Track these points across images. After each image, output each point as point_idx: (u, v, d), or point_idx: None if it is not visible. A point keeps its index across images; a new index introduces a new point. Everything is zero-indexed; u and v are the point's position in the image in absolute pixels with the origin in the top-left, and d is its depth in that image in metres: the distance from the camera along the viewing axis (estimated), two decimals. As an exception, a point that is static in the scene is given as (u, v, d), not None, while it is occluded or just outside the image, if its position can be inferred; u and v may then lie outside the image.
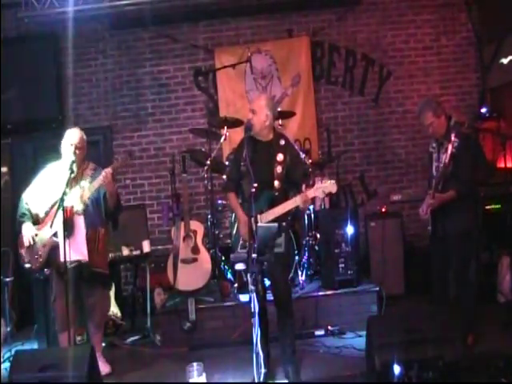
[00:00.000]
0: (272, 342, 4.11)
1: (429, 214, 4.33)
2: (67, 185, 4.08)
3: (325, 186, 3.69)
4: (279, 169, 3.94)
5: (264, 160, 3.97)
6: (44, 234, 4.22)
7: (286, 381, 4.01)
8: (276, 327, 4.06)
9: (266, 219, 3.85)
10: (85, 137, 4.42)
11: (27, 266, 4.28)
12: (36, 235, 4.24)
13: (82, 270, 4.21)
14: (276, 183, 3.92)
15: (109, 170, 4.18)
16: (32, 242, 4.23)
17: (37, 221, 4.30)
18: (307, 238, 5.59)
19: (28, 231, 4.24)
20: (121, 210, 4.56)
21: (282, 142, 4.03)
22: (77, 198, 4.20)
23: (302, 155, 5.23)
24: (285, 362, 4.07)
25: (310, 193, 3.74)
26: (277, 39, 6.77)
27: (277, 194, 3.91)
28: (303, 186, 3.87)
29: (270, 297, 4.14)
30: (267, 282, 4.10)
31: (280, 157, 3.95)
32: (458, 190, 4.18)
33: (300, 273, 5.39)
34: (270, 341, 4.07)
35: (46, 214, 4.25)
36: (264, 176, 3.90)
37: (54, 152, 4.50)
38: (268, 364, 4.06)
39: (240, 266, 3.98)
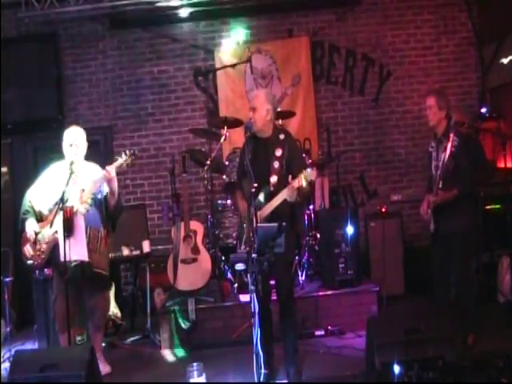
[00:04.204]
0: (276, 342, 4.10)
1: (430, 213, 4.34)
2: (67, 185, 4.08)
3: (306, 175, 3.67)
4: (276, 164, 3.91)
5: (263, 157, 3.97)
6: (47, 230, 4.22)
7: (287, 381, 4.01)
8: (279, 327, 4.06)
9: (263, 215, 3.86)
10: (84, 133, 4.41)
11: (29, 262, 4.27)
12: (39, 232, 4.23)
13: (82, 270, 4.20)
14: (272, 178, 3.89)
15: (111, 166, 4.17)
16: (34, 236, 4.22)
17: (40, 218, 4.30)
18: (307, 238, 5.59)
19: (31, 226, 4.24)
20: (122, 210, 4.55)
21: (282, 137, 4.02)
22: (77, 199, 4.20)
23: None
24: (286, 361, 4.06)
25: (295, 183, 3.71)
26: (277, 39, 6.78)
27: (273, 189, 3.88)
28: (289, 178, 3.84)
29: (273, 296, 4.14)
30: (271, 282, 4.09)
31: (278, 151, 3.93)
32: (460, 188, 4.19)
33: (300, 273, 5.39)
34: (273, 341, 4.07)
35: (50, 211, 4.24)
36: (263, 173, 3.89)
37: (54, 152, 4.51)
38: (271, 364, 4.06)
39: (240, 266, 3.98)
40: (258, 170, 3.87)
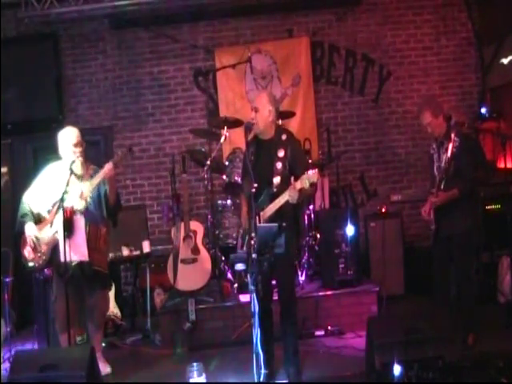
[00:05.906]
0: (276, 342, 4.10)
1: (432, 214, 4.34)
2: (67, 185, 4.08)
3: (308, 176, 3.65)
4: (279, 165, 3.90)
5: (266, 158, 3.97)
6: (46, 232, 4.22)
7: (287, 381, 4.01)
8: (279, 327, 4.06)
9: (265, 216, 3.86)
10: (79, 133, 4.39)
11: (30, 264, 4.27)
12: (37, 237, 4.23)
13: (82, 269, 4.20)
14: (275, 179, 3.88)
15: (109, 163, 4.15)
16: (35, 242, 4.22)
17: (39, 220, 4.29)
18: (307, 238, 5.59)
19: (31, 231, 4.24)
20: (120, 207, 4.55)
21: (284, 137, 4.01)
22: (77, 197, 4.20)
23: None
24: (287, 362, 4.06)
25: (297, 184, 3.70)
26: (277, 39, 6.77)
27: (275, 190, 3.88)
28: (292, 179, 3.83)
29: (274, 297, 4.14)
30: (272, 282, 4.09)
31: (281, 152, 3.92)
32: (460, 188, 4.20)
33: (300, 273, 5.39)
34: (273, 341, 4.07)
35: (49, 212, 4.25)
36: (265, 174, 3.89)
37: (54, 152, 4.50)
38: (271, 364, 4.05)
39: (240, 266, 3.98)
40: (261, 171, 3.87)
